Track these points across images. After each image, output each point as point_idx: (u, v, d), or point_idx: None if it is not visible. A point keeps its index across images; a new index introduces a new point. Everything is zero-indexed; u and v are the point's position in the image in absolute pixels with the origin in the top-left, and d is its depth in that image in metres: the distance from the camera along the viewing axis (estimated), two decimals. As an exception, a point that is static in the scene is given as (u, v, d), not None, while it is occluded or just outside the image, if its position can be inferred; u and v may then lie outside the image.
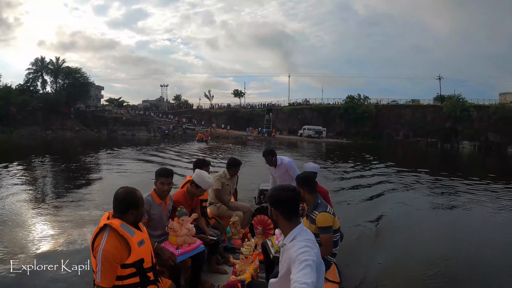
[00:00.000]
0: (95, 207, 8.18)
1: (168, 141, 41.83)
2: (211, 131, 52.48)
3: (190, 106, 75.05)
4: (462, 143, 54.27)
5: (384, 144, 53.30)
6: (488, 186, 14.08)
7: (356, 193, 11.53)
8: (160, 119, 61.54)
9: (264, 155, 5.78)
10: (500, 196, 11.65)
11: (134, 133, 55.63)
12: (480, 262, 5.97)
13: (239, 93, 72.97)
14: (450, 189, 13.01)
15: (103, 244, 2.23)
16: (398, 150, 42.52)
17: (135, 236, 2.37)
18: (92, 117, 58.10)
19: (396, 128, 60.18)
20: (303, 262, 1.93)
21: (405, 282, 5.25)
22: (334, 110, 62.06)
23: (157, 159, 19.84)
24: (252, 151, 29.93)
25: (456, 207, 10.12)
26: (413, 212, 9.53)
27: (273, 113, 64.11)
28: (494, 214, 9.37)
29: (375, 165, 20.71)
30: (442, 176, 16.36)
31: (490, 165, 29.53)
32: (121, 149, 27.55)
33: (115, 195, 2.41)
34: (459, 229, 8.16)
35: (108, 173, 14.40)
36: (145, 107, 72.00)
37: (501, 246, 7.01)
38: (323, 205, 3.35)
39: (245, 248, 4.06)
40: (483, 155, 42.30)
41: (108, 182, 12.14)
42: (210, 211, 5.31)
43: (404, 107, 61.96)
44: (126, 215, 2.38)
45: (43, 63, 55.42)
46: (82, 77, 57.14)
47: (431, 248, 6.78)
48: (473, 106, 55.63)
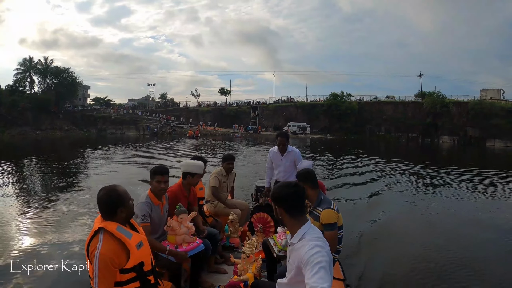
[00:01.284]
0: (95, 207, 9.23)
1: (157, 139, 43.50)
2: (200, 129, 54.97)
3: (176, 104, 76.63)
4: (442, 138, 57.14)
5: (366, 139, 55.90)
6: (466, 174, 16.37)
7: (348, 189, 12.15)
8: (148, 118, 63.16)
9: (279, 135, 5.61)
10: (472, 185, 13.41)
11: (123, 131, 57.02)
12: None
13: (225, 91, 75.14)
14: (434, 178, 14.87)
15: (99, 248, 2.14)
16: (380, 145, 45.02)
17: (133, 239, 2.29)
18: (81, 117, 59.18)
19: (378, 123, 63.00)
20: (316, 264, 1.86)
21: (407, 275, 5.34)
22: (318, 107, 64.82)
23: (155, 156, 21.52)
24: (243, 147, 32.61)
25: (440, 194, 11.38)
26: (405, 200, 10.50)
27: (258, 111, 66.51)
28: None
29: (361, 158, 22.72)
30: (424, 167, 18.92)
31: (470, 157, 32.59)
32: (116, 146, 29.57)
33: (98, 199, 2.30)
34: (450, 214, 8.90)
35: (106, 171, 14.97)
36: (133, 106, 73.37)
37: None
38: (327, 201, 3.28)
39: (246, 247, 4.03)
40: (462, 149, 44.91)
41: (107, 180, 12.28)
42: (207, 209, 5.32)
43: (386, 103, 64.94)
44: (116, 215, 2.28)
45: (31, 63, 56.21)
46: (70, 76, 58.07)
47: (422, 234, 7.36)
48: (452, 102, 58.58)
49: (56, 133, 51.86)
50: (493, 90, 64.81)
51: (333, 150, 31.14)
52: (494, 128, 51.92)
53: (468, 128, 55.51)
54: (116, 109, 66.96)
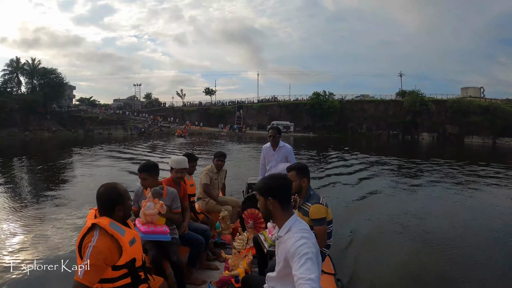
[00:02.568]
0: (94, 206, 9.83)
1: (145, 138, 44.90)
2: (186, 128, 57.13)
3: (161, 104, 77.86)
4: (422, 135, 60.26)
5: (348, 137, 58.17)
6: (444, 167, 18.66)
7: (337, 184, 12.97)
8: (135, 118, 64.49)
9: (270, 128, 5.80)
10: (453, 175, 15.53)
11: (111, 132, 58.02)
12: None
13: (210, 91, 77.39)
14: (414, 170, 17.03)
15: (95, 241, 2.15)
16: (362, 142, 47.25)
17: (126, 235, 2.30)
18: (68, 117, 60.07)
19: (359, 122, 65.84)
20: (303, 256, 1.88)
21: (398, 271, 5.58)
22: (301, 106, 67.26)
23: (144, 154, 23.20)
24: (230, 145, 35.50)
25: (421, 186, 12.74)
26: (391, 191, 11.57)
27: (243, 110, 68.46)
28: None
29: (347, 154, 25.18)
30: (404, 161, 21.93)
31: (449, 152, 35.26)
32: (111, 145, 31.34)
33: (98, 195, 2.35)
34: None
35: (100, 169, 15.57)
36: (119, 106, 74.44)
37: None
38: (315, 197, 3.31)
39: (237, 242, 4.14)
40: (442, 145, 47.99)
41: (102, 178, 12.50)
42: (199, 206, 5.30)
43: (367, 102, 68.03)
44: (113, 213, 2.32)
45: (18, 64, 56.95)
46: (57, 77, 58.81)
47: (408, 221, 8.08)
48: (431, 100, 61.63)
49: (44, 134, 52.69)
50: (474, 88, 68.45)
51: (316, 147, 34.07)
52: (472, 125, 55.24)
53: (447, 125, 58.76)
54: (103, 110, 68.10)
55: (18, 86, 58.01)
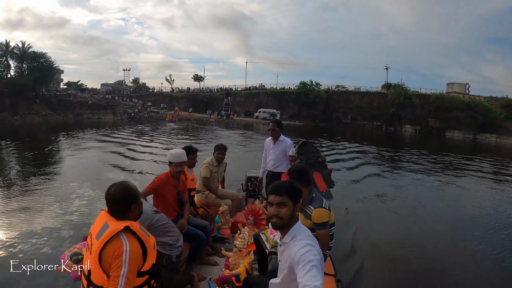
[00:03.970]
0: (94, 203, 8.70)
1: (135, 123, 46.85)
2: (176, 114, 59.38)
3: (148, 89, 78.68)
4: (405, 127, 62.61)
5: (333, 126, 60.35)
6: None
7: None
8: (125, 103, 65.26)
9: (271, 121, 5.94)
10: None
11: (100, 116, 58.20)
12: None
13: (199, 77, 78.83)
14: (395, 160, 20.09)
15: (128, 245, 2.02)
16: (347, 132, 50.01)
17: (151, 238, 2.26)
18: (57, 102, 59.90)
19: (344, 112, 68.45)
20: (308, 263, 1.91)
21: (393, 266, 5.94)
22: (288, 94, 69.20)
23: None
24: (220, 130, 39.03)
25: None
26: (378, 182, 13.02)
27: (231, 97, 70.30)
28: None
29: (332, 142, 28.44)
30: (386, 150, 25.32)
31: (430, 144, 38.32)
32: (108, 130, 33.23)
33: (110, 197, 2.19)
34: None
35: (104, 161, 15.62)
36: (107, 91, 74.73)
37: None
38: (318, 200, 3.30)
39: (239, 241, 4.10)
40: (423, 137, 50.60)
41: (102, 168, 13.49)
42: (198, 200, 5.30)
43: (353, 93, 70.60)
44: (129, 213, 2.20)
45: (8, 47, 56.60)
46: (47, 61, 58.46)
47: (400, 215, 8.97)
48: (416, 94, 64.12)
49: (34, 118, 52.80)
50: (459, 84, 69.90)
51: (303, 134, 36.79)
52: (453, 120, 57.43)
53: (430, 119, 60.89)
54: (92, 94, 68.56)
55: (7, 70, 57.60)
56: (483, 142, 49.84)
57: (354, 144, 27.60)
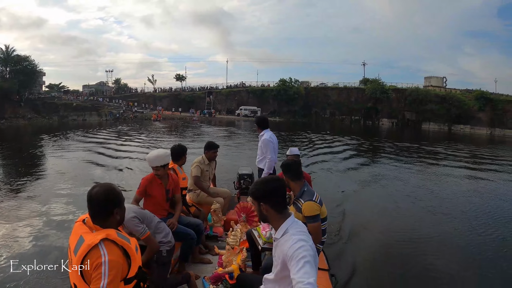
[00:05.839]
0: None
1: (120, 123, 48.21)
2: (160, 113, 61.91)
3: (131, 90, 79.24)
4: (382, 120, 65.73)
5: (313, 121, 63.19)
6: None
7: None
8: (109, 104, 66.60)
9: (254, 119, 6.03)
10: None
11: (85, 118, 58.95)
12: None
13: (181, 77, 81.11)
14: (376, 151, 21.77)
15: (106, 255, 1.93)
16: (326, 126, 51.93)
17: (132, 242, 2.15)
18: (42, 104, 60.34)
19: (323, 107, 70.74)
20: (301, 259, 1.90)
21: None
22: (268, 91, 71.35)
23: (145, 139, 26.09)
24: (206, 127, 41.13)
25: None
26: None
27: (213, 96, 72.49)
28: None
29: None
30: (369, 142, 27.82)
31: (407, 135, 40.69)
32: (98, 131, 34.57)
33: (92, 198, 2.08)
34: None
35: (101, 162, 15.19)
36: (91, 92, 75.59)
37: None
38: (309, 193, 3.33)
39: (231, 238, 4.16)
40: (400, 130, 53.48)
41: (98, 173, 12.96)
42: (190, 198, 5.30)
43: (331, 89, 72.74)
44: (111, 217, 2.11)
45: (-8, 51, 56.96)
46: (31, 64, 59.17)
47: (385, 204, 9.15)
48: (392, 88, 66.92)
49: (20, 121, 53.01)
50: (437, 78, 73.19)
51: (284, 129, 38.50)
52: (428, 113, 60.78)
53: (406, 112, 64.02)
54: (76, 96, 69.58)
55: (-9, 74, 57.77)
56: (458, 133, 52.59)
57: (337, 137, 29.95)
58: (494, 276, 5.46)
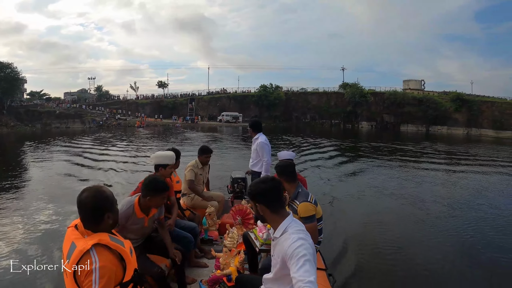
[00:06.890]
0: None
1: (104, 131, 49.05)
2: (143, 120, 63.18)
3: (113, 97, 79.47)
4: (361, 124, 67.90)
5: (294, 126, 64.49)
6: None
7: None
8: (92, 111, 66.97)
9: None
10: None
11: (68, 125, 59.35)
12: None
13: (163, 84, 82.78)
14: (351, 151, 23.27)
15: (97, 262, 1.90)
16: (307, 130, 53.52)
17: (126, 245, 2.14)
18: (25, 112, 60.56)
19: (304, 112, 72.90)
20: (301, 258, 1.90)
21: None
22: (249, 97, 73.25)
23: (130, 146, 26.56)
24: (190, 133, 42.52)
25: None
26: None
27: (195, 102, 74.03)
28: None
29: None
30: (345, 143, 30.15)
31: (386, 137, 42.22)
32: (79, 138, 35.36)
33: (82, 203, 2.03)
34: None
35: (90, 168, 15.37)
36: (73, 99, 75.72)
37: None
38: (304, 194, 3.35)
39: (228, 240, 4.14)
40: (379, 132, 54.82)
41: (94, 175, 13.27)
42: (184, 202, 5.34)
43: (311, 94, 75.22)
44: (102, 221, 2.06)
45: (-27, 59, 56.56)
46: (13, 71, 59.14)
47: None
48: (371, 92, 69.42)
49: (2, 129, 52.75)
50: (415, 81, 75.36)
51: (266, 133, 40.35)
52: (406, 115, 62.91)
53: (384, 115, 66.04)
54: (58, 103, 69.78)
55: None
56: (436, 133, 54.80)
57: (317, 140, 32.03)
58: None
